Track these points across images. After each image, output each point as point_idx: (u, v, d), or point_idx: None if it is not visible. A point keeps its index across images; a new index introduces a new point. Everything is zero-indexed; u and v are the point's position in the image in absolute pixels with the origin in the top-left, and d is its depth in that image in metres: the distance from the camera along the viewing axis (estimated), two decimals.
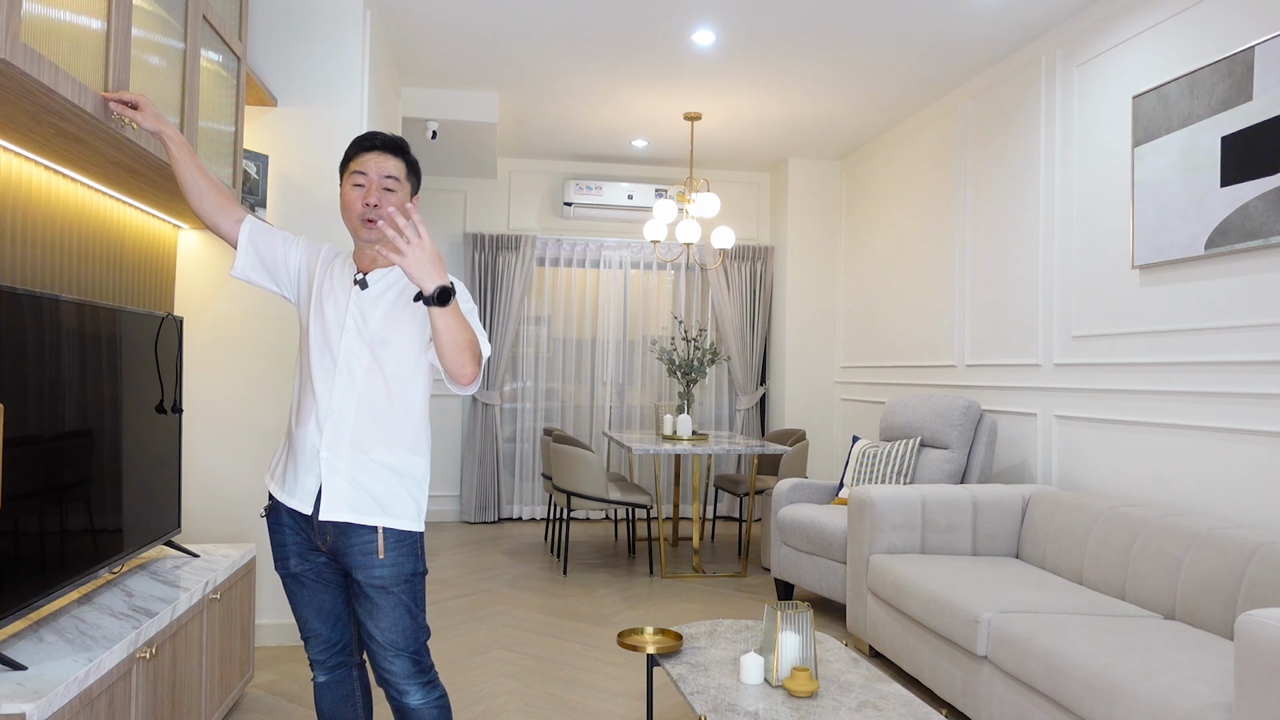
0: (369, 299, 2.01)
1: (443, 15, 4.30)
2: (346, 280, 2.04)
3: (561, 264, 7.15)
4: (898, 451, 4.57)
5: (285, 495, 2.02)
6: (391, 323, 2.00)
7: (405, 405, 2.01)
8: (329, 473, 1.95)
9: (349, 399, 1.97)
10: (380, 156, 2.02)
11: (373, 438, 1.98)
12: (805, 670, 2.32)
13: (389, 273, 2.04)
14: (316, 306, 2.05)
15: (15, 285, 2.27)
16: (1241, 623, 1.91)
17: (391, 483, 1.99)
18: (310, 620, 2.09)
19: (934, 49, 4.58)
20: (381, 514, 1.96)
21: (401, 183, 2.03)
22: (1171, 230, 3.45)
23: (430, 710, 2.03)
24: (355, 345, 1.99)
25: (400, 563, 1.98)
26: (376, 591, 1.96)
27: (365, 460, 1.97)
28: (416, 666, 2.01)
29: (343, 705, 2.15)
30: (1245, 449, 3.14)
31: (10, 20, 1.64)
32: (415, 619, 2.01)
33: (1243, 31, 3.19)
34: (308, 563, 2.04)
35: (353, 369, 1.98)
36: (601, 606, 4.54)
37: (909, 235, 5.74)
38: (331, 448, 1.96)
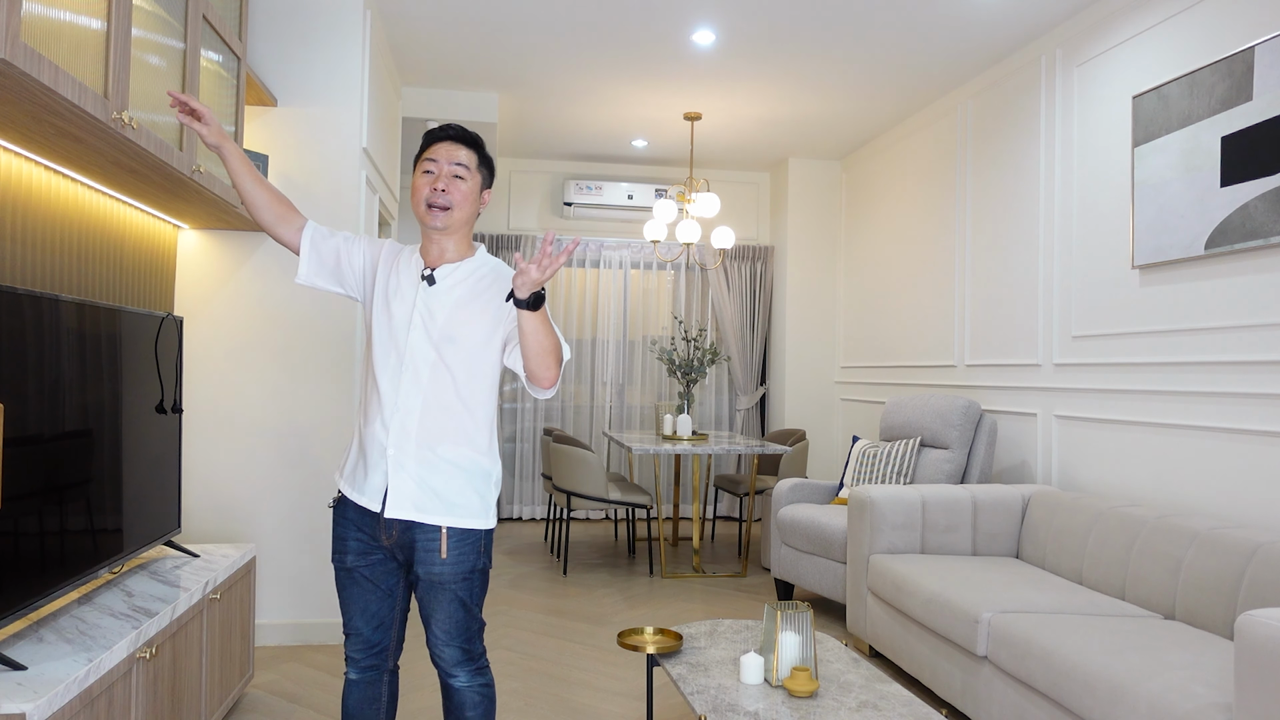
0: (437, 295, 2.02)
1: (443, 15, 4.30)
2: (414, 276, 2.05)
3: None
4: (898, 451, 4.57)
5: (355, 493, 2.04)
6: (459, 319, 2.01)
7: (472, 402, 2.02)
8: (395, 470, 1.97)
9: (415, 396, 1.98)
10: (451, 146, 2.04)
11: (439, 435, 1.99)
12: (805, 670, 2.32)
13: (456, 268, 2.05)
14: (383, 303, 2.05)
15: (15, 285, 2.27)
16: (1241, 623, 1.91)
17: (458, 480, 2.00)
18: (354, 618, 2.10)
19: (934, 49, 4.58)
20: (446, 513, 1.98)
21: (472, 172, 2.05)
22: (1171, 230, 3.45)
23: (473, 694, 2.08)
24: (421, 342, 1.99)
25: (461, 560, 2.00)
26: (434, 586, 2.00)
27: (432, 458, 1.98)
28: (466, 655, 2.06)
29: (367, 706, 2.16)
30: (1245, 449, 3.14)
31: (10, 20, 1.64)
32: (469, 612, 2.04)
33: (1242, 31, 3.19)
34: (364, 561, 2.05)
35: (418, 366, 1.99)
36: (601, 606, 4.54)
37: (909, 235, 5.74)
38: (398, 445, 1.97)
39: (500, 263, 2.14)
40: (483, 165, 2.09)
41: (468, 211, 2.05)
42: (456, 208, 2.02)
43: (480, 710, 2.09)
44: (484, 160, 2.10)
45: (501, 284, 2.06)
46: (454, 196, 2.02)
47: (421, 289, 2.02)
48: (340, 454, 3.81)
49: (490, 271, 2.09)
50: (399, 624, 2.15)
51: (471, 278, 2.05)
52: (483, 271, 2.08)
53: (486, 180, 2.11)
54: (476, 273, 2.07)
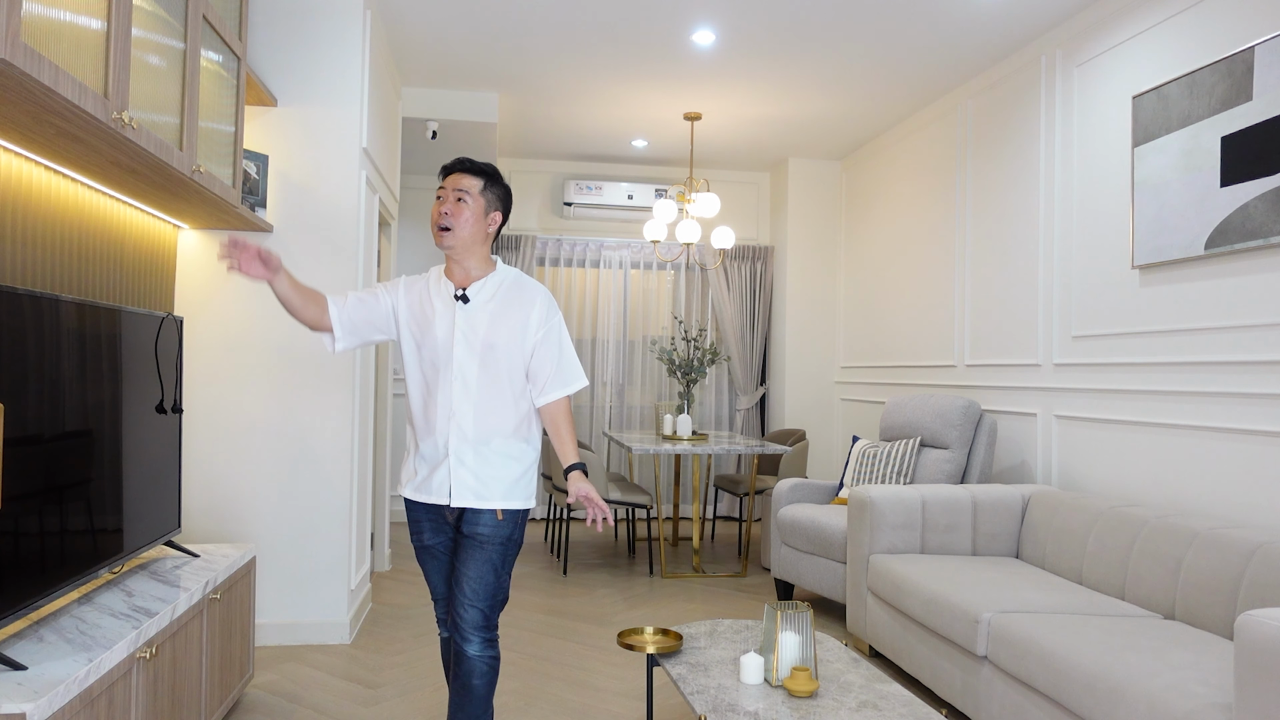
0: (473, 310, 2.32)
1: (443, 15, 4.30)
2: (447, 297, 2.34)
3: (561, 264, 7.15)
4: (898, 451, 4.57)
5: (422, 496, 2.34)
6: (497, 328, 2.31)
7: (516, 398, 2.34)
8: (456, 466, 2.29)
9: (466, 401, 2.29)
10: (458, 175, 2.34)
11: (491, 429, 2.31)
12: (805, 670, 2.33)
13: (484, 284, 2.34)
14: (419, 329, 2.34)
15: (15, 285, 2.27)
16: (1241, 623, 1.92)
17: (506, 467, 2.32)
18: (438, 585, 2.43)
19: (934, 49, 4.58)
20: (499, 498, 2.31)
21: (474, 196, 2.31)
22: (1171, 230, 3.45)
23: (481, 664, 2.30)
24: (465, 354, 2.30)
25: (501, 526, 2.31)
26: (474, 544, 2.30)
27: (486, 452, 2.30)
28: (485, 621, 2.30)
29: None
30: (1245, 449, 3.14)
31: (10, 20, 1.64)
32: (499, 578, 2.32)
33: (1242, 31, 3.19)
34: (440, 536, 2.39)
35: (466, 375, 2.30)
36: (601, 606, 4.54)
37: (909, 235, 5.74)
38: (458, 446, 2.29)
39: (519, 272, 2.44)
40: (489, 189, 2.35)
41: (471, 231, 2.31)
42: (458, 229, 2.29)
43: (486, 680, 2.31)
44: (491, 186, 2.35)
45: (527, 291, 2.37)
46: (456, 219, 2.29)
47: (459, 308, 2.31)
48: (340, 455, 3.82)
49: (514, 282, 2.39)
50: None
51: (500, 290, 2.35)
52: (508, 283, 2.38)
53: (494, 204, 2.36)
54: (503, 285, 2.37)
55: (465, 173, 2.33)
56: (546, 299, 2.39)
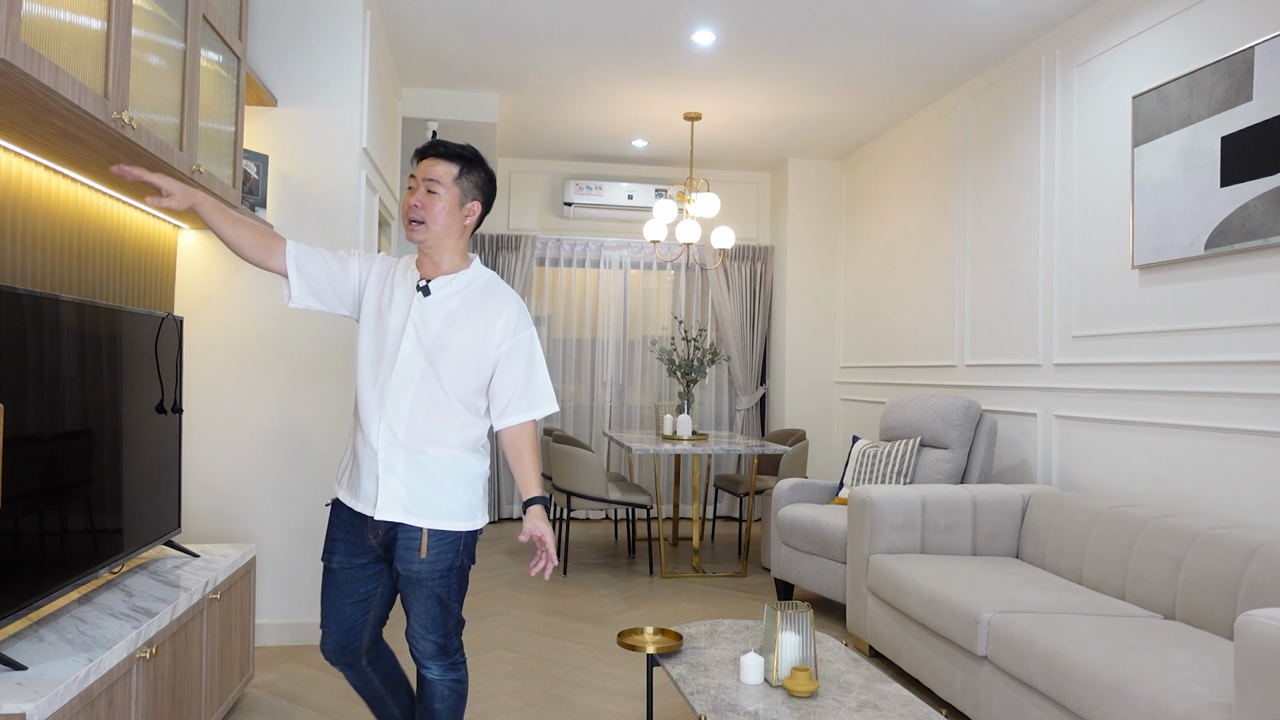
0: (431, 305, 2.10)
1: (443, 15, 4.30)
2: (409, 287, 2.13)
3: (561, 264, 7.15)
4: (898, 451, 4.57)
5: (351, 499, 2.13)
6: (451, 329, 2.08)
7: (461, 406, 2.10)
8: (386, 473, 2.05)
9: (404, 402, 2.06)
10: (430, 162, 2.12)
11: (427, 437, 2.07)
12: (805, 670, 2.33)
13: (451, 280, 2.13)
14: (375, 315, 2.14)
15: (15, 285, 2.27)
16: (1241, 623, 1.91)
17: (446, 483, 2.09)
18: (329, 619, 2.20)
19: (934, 49, 4.58)
20: (432, 516, 2.07)
21: (447, 186, 2.10)
22: (1171, 230, 3.45)
23: (444, 688, 2.16)
24: (413, 350, 2.07)
25: (438, 559, 2.08)
26: (411, 583, 2.09)
27: (422, 459, 2.06)
28: (440, 649, 2.14)
29: (365, 689, 2.30)
30: (1245, 449, 3.14)
31: (10, 20, 1.64)
32: (446, 609, 2.12)
33: (1242, 31, 3.19)
34: (349, 563, 2.15)
35: (409, 372, 2.07)
36: (601, 606, 4.54)
37: (909, 235, 5.74)
38: (388, 450, 2.06)
39: (494, 276, 2.22)
40: (465, 176, 2.12)
41: (444, 225, 2.11)
42: (430, 222, 2.09)
43: (448, 704, 2.17)
44: (467, 172, 2.13)
45: (496, 297, 2.15)
46: (427, 212, 2.09)
47: (417, 300, 2.10)
48: (340, 455, 3.81)
49: (484, 285, 2.16)
50: (372, 626, 2.24)
51: (466, 290, 2.13)
52: (477, 285, 2.15)
53: (471, 192, 2.14)
54: (471, 285, 2.15)
55: (438, 158, 2.12)
56: (518, 309, 2.15)
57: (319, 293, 2.17)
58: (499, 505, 6.92)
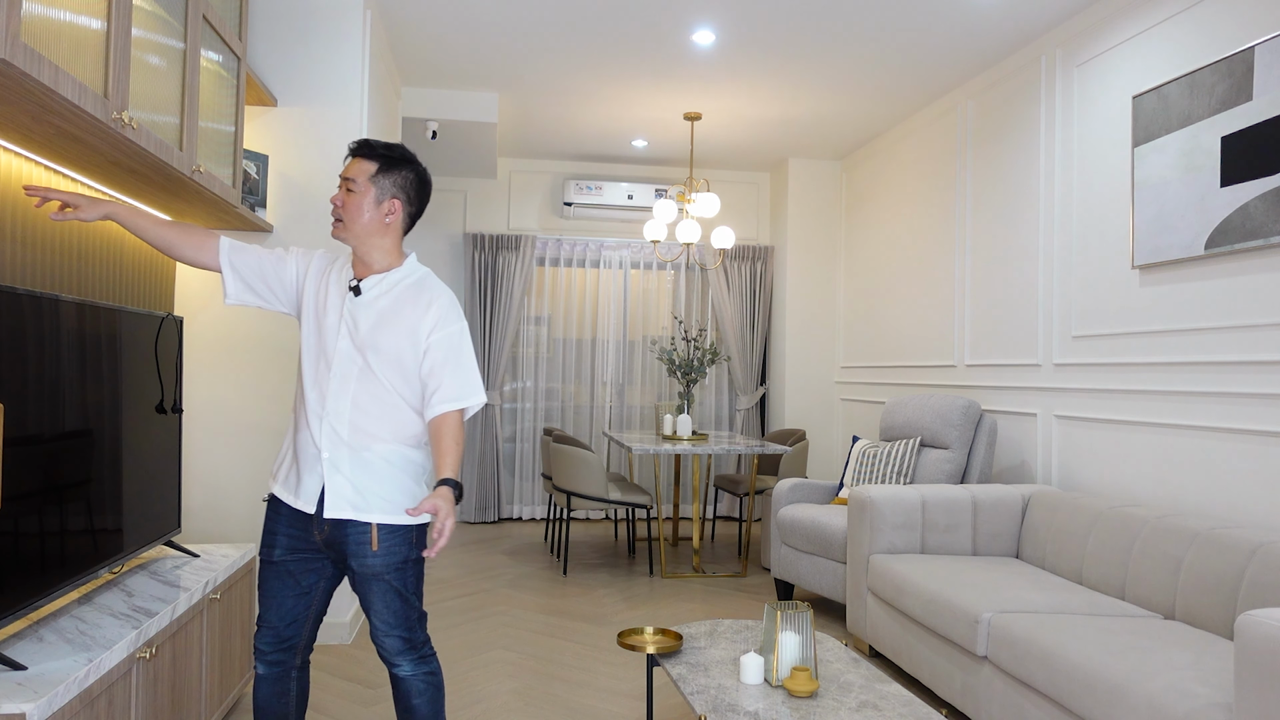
0: (362, 305, 2.10)
1: (443, 15, 4.30)
2: (343, 286, 2.13)
3: (561, 264, 7.15)
4: (898, 451, 4.57)
5: (290, 496, 2.12)
6: (382, 329, 2.09)
7: (400, 403, 2.10)
8: (331, 472, 2.06)
9: (344, 400, 2.07)
10: (351, 161, 2.13)
11: (370, 434, 2.07)
12: (805, 670, 2.33)
13: (382, 279, 2.13)
14: (313, 314, 2.14)
15: (15, 285, 2.26)
16: (1241, 623, 1.91)
17: (391, 478, 2.09)
18: (269, 611, 2.16)
19: (934, 49, 4.58)
20: (379, 510, 2.07)
21: (362, 184, 2.10)
22: (1171, 230, 3.45)
23: (419, 682, 2.16)
24: (348, 349, 2.08)
25: (392, 552, 2.08)
26: (369, 579, 2.08)
27: (367, 456, 2.07)
28: (408, 644, 2.14)
29: (276, 701, 2.22)
30: (1245, 449, 3.14)
31: (10, 20, 1.64)
32: (407, 601, 2.12)
33: (1242, 31, 3.19)
34: (293, 556, 2.13)
35: (347, 372, 2.08)
36: (601, 606, 4.54)
37: (909, 235, 5.74)
38: (332, 449, 2.06)
39: (428, 272, 2.21)
40: (383, 175, 2.11)
41: (363, 223, 2.10)
42: (348, 220, 2.09)
43: (426, 698, 2.17)
44: (387, 171, 2.12)
45: (426, 294, 2.14)
46: (342, 210, 2.10)
47: (348, 299, 2.11)
48: None
49: (415, 283, 2.16)
50: (311, 624, 2.21)
51: (396, 288, 2.13)
52: (407, 283, 2.15)
53: (390, 190, 2.12)
54: (401, 284, 2.14)
55: (359, 157, 2.12)
56: (447, 303, 2.14)
57: (255, 289, 2.18)
58: (499, 505, 6.92)
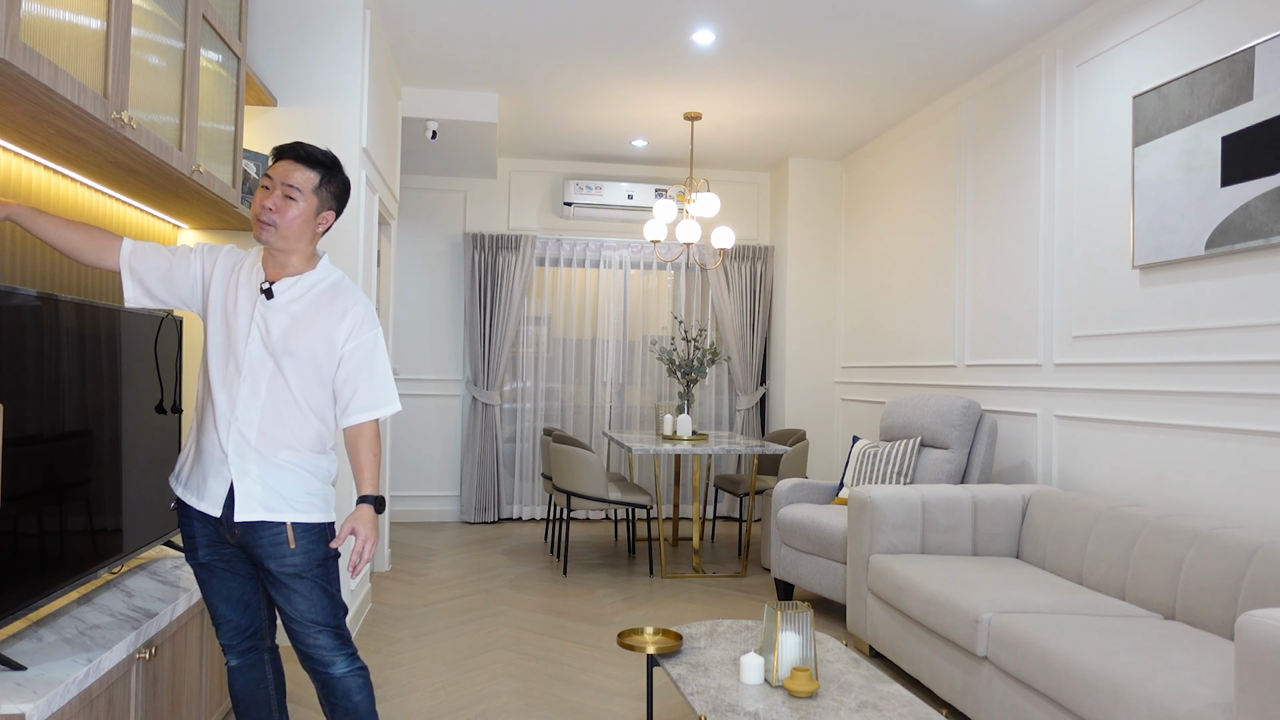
0: (274, 309, 2.06)
1: (443, 15, 4.30)
2: (253, 288, 2.08)
3: (561, 264, 7.15)
4: (898, 451, 4.57)
5: (194, 499, 2.08)
6: (296, 333, 2.05)
7: (309, 408, 2.08)
8: (239, 476, 2.02)
9: (253, 406, 2.03)
10: (289, 165, 2.06)
11: (278, 441, 2.04)
12: (805, 670, 2.32)
13: (296, 283, 2.09)
14: (220, 314, 2.09)
15: (15, 285, 2.26)
16: (1242, 623, 1.91)
17: (300, 480, 2.07)
18: (220, 607, 2.16)
19: (934, 49, 4.58)
20: (291, 510, 2.05)
21: (305, 194, 2.06)
22: (1172, 230, 3.45)
23: (354, 679, 2.13)
24: (259, 353, 2.04)
25: (312, 550, 2.07)
26: (291, 578, 2.06)
27: (274, 461, 2.04)
28: (339, 640, 2.12)
29: (255, 688, 2.24)
30: (1245, 449, 3.13)
31: (10, 20, 1.64)
32: (332, 597, 2.11)
33: (1243, 31, 3.19)
34: (216, 553, 2.12)
35: (257, 376, 2.04)
36: (601, 606, 4.54)
37: (909, 235, 5.74)
38: (239, 452, 2.02)
39: (342, 276, 2.18)
40: (325, 187, 2.09)
41: (296, 231, 2.06)
42: (283, 227, 2.04)
43: (365, 694, 2.14)
44: (328, 182, 2.09)
45: (341, 300, 2.11)
46: (279, 217, 2.04)
47: (260, 302, 2.06)
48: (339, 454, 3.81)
49: (330, 287, 2.13)
50: (265, 605, 2.21)
51: (311, 293, 2.09)
52: (322, 287, 2.12)
53: (328, 202, 2.11)
54: (315, 288, 2.11)
55: (300, 163, 2.06)
56: (363, 311, 2.11)
57: (153, 292, 2.12)
58: (499, 505, 6.91)
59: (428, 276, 6.95)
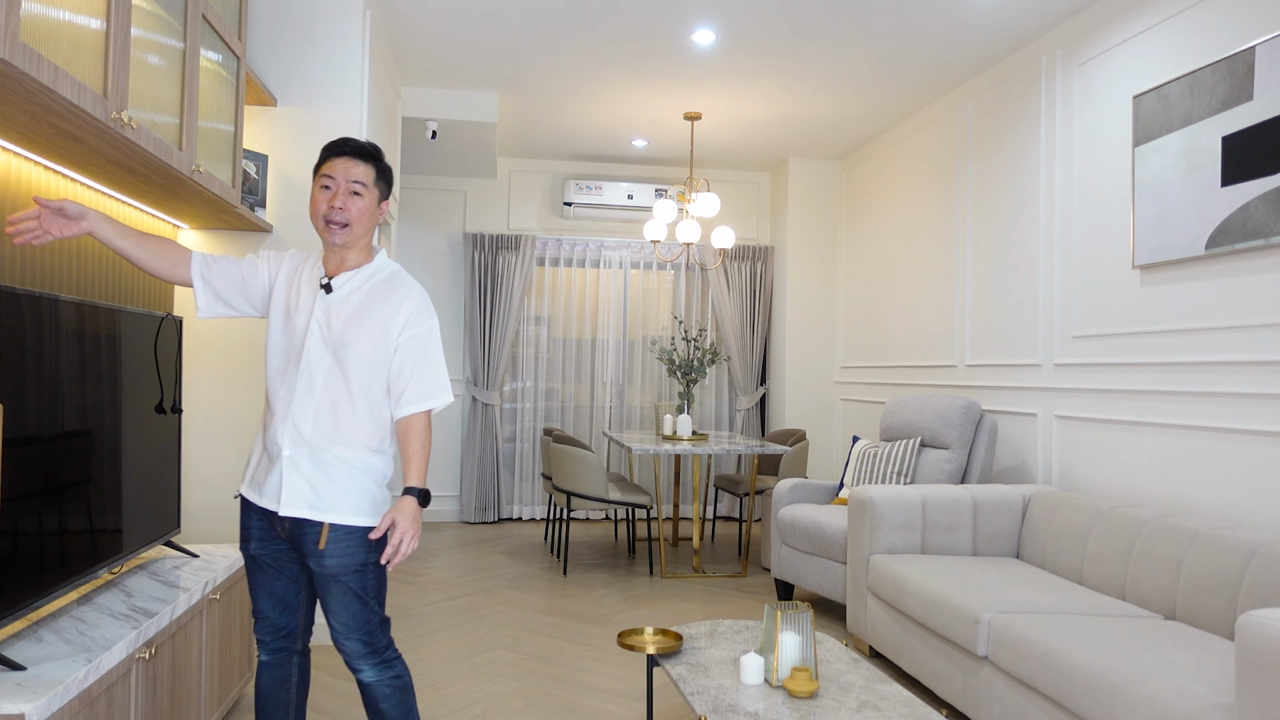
0: (334, 302, 2.09)
1: (443, 15, 4.30)
2: (314, 285, 2.13)
3: (561, 264, 7.15)
4: (898, 452, 4.57)
5: (255, 495, 2.13)
6: (353, 327, 2.07)
7: (365, 405, 2.09)
8: (290, 471, 2.05)
9: (309, 400, 2.06)
10: (349, 162, 2.11)
11: (332, 437, 2.06)
12: (805, 670, 2.32)
13: (353, 276, 2.13)
14: (282, 313, 2.14)
15: (15, 285, 2.26)
16: (1242, 623, 1.91)
17: (352, 480, 2.08)
18: (261, 601, 2.19)
19: (934, 49, 4.58)
20: (334, 511, 2.06)
21: (369, 187, 2.11)
22: (1172, 230, 3.45)
23: (384, 688, 2.14)
24: (318, 348, 2.07)
25: (349, 554, 2.07)
26: (327, 579, 2.08)
27: (327, 457, 2.06)
28: (368, 648, 2.12)
29: (278, 687, 2.25)
30: (1245, 449, 3.13)
31: (9, 20, 1.64)
32: (366, 605, 2.10)
33: (1243, 31, 3.19)
34: (267, 549, 2.14)
35: (313, 371, 2.07)
36: (601, 606, 4.54)
37: (909, 235, 5.74)
38: (294, 448, 2.06)
39: (397, 269, 2.20)
40: (380, 179, 2.14)
41: (366, 226, 2.12)
42: (355, 224, 2.09)
43: (393, 701, 2.15)
44: (382, 173, 2.15)
45: (398, 290, 2.13)
46: (351, 213, 2.08)
47: (320, 297, 2.10)
48: None
49: (385, 279, 2.15)
50: (305, 608, 2.23)
51: (367, 285, 2.12)
52: (378, 279, 2.15)
53: (385, 192, 2.17)
54: (372, 280, 2.14)
55: (357, 158, 2.10)
56: (418, 301, 2.13)
57: (227, 300, 2.17)
58: (499, 505, 6.91)
59: (428, 276, 6.95)
